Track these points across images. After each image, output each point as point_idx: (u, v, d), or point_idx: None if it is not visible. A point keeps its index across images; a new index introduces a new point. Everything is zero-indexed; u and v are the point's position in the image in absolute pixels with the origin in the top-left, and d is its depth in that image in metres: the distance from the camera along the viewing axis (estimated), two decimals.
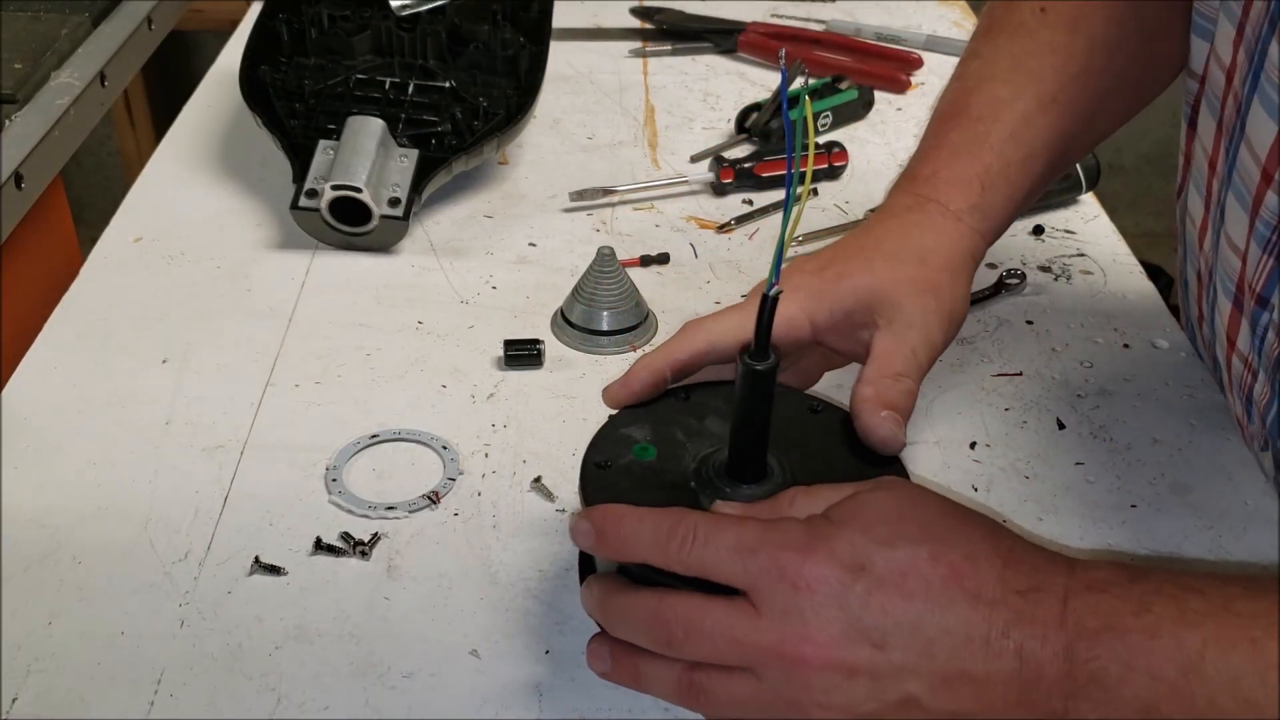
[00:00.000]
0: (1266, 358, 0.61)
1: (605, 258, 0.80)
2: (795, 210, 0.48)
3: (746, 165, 0.99)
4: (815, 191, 1.00)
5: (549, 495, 0.68)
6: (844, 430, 0.57)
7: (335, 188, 0.86)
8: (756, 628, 0.46)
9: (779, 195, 0.98)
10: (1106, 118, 0.72)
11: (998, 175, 0.65)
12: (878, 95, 1.14)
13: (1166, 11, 0.70)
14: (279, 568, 0.63)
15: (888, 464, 0.56)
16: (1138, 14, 0.70)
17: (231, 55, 1.12)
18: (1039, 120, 0.67)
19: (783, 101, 0.56)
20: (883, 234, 0.63)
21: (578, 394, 0.76)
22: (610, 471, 0.56)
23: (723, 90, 1.18)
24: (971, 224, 0.64)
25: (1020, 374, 0.79)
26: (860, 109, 1.12)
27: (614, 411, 0.59)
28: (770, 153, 1.01)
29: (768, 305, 0.49)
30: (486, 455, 0.71)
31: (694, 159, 1.04)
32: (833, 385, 0.68)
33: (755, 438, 0.53)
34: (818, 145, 1.02)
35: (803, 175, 0.48)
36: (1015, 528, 0.67)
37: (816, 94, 1.10)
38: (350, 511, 0.66)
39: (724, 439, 0.55)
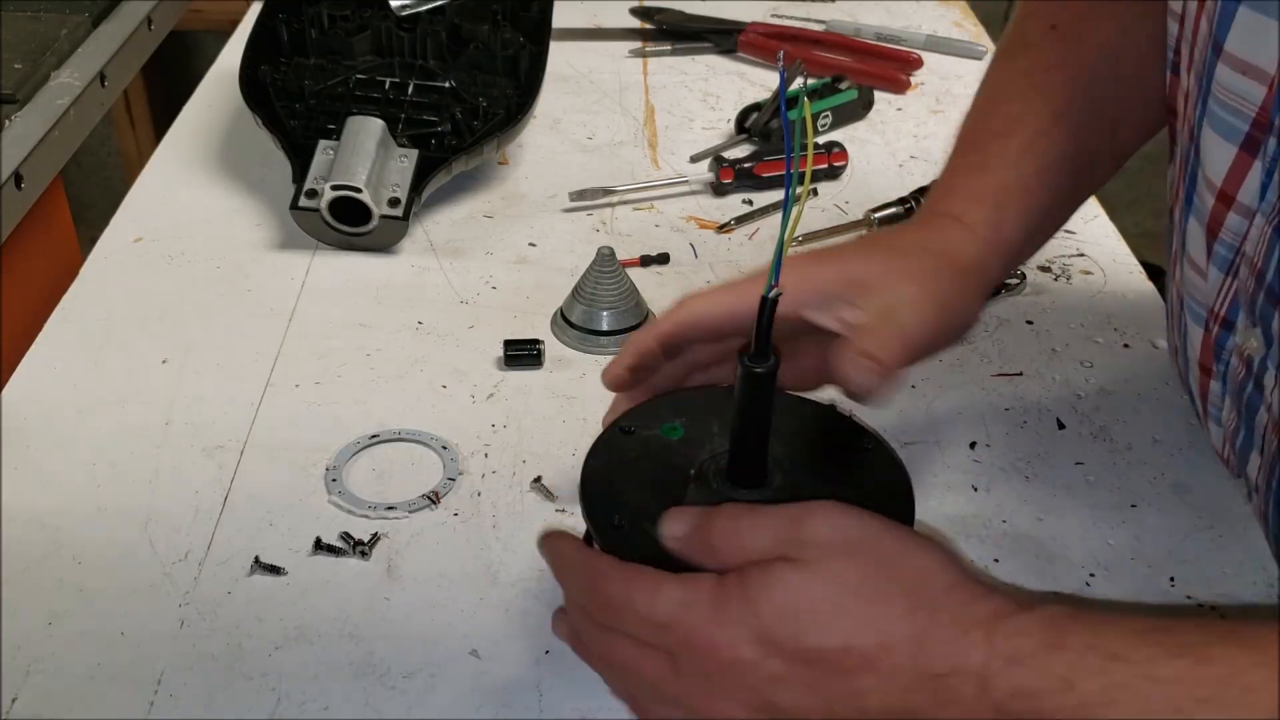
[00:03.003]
0: (1232, 381, 0.61)
1: (605, 258, 0.80)
2: (795, 211, 0.48)
3: (746, 165, 0.99)
4: (815, 191, 1.00)
5: (549, 495, 0.68)
6: (875, 467, 0.56)
7: (335, 188, 0.86)
8: (677, 677, 0.48)
9: (779, 195, 0.98)
10: (1130, 128, 0.70)
11: (1014, 190, 0.64)
12: (878, 95, 1.14)
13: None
14: (279, 568, 0.63)
15: (896, 502, 0.54)
16: (1149, 16, 0.68)
17: (231, 55, 1.12)
18: (1053, 133, 0.65)
19: (781, 102, 0.56)
20: (890, 234, 0.62)
21: (578, 394, 0.76)
22: (628, 438, 0.56)
23: (723, 90, 1.18)
24: (985, 234, 0.62)
25: (1020, 374, 0.79)
26: (860, 109, 1.12)
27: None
28: (770, 153, 1.01)
29: (767, 307, 0.49)
30: (486, 455, 0.71)
31: (694, 159, 1.04)
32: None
33: (753, 442, 0.52)
34: (817, 145, 1.02)
35: (802, 175, 0.48)
36: (1014, 528, 0.67)
37: (816, 94, 1.10)
38: (350, 511, 0.66)
39: None
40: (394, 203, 0.88)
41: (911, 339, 0.56)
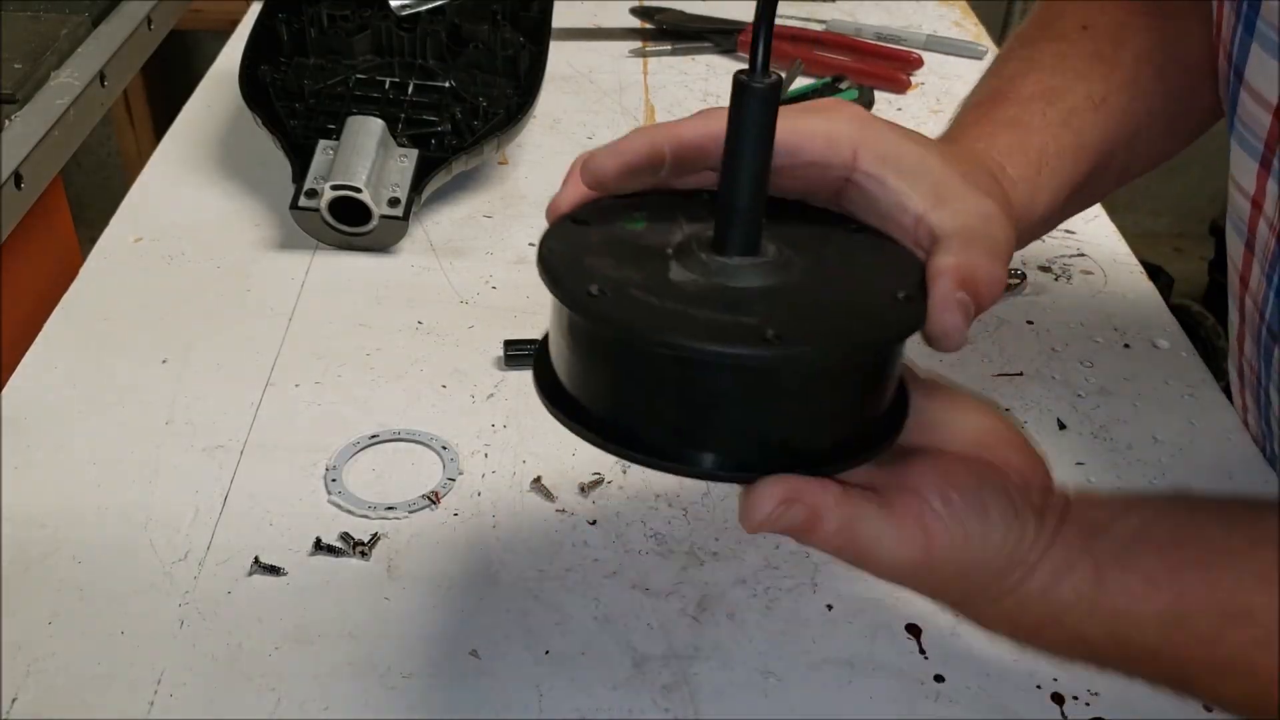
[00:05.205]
0: None
1: None
2: None
3: None
4: None
5: (549, 495, 0.68)
6: (872, 243, 0.47)
7: (335, 188, 0.86)
8: None
9: None
10: (1147, 143, 0.67)
11: (1052, 157, 0.59)
12: (878, 95, 1.14)
13: (1208, 53, 0.67)
14: (279, 568, 0.63)
15: (900, 315, 0.44)
16: (1181, 44, 0.67)
17: (231, 55, 1.12)
18: (1089, 116, 0.62)
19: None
20: (947, 143, 0.54)
21: None
22: (584, 228, 0.47)
23: (723, 90, 1.18)
24: (1022, 198, 0.56)
25: (1021, 374, 0.79)
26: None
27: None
28: None
29: (768, 6, 0.40)
30: (486, 455, 0.71)
31: None
32: None
33: (747, 190, 0.43)
34: None
35: None
36: None
37: (816, 94, 1.10)
38: (350, 512, 0.66)
39: None
40: (394, 202, 0.88)
41: (1005, 264, 0.47)
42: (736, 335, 0.40)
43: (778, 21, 0.43)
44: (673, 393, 0.42)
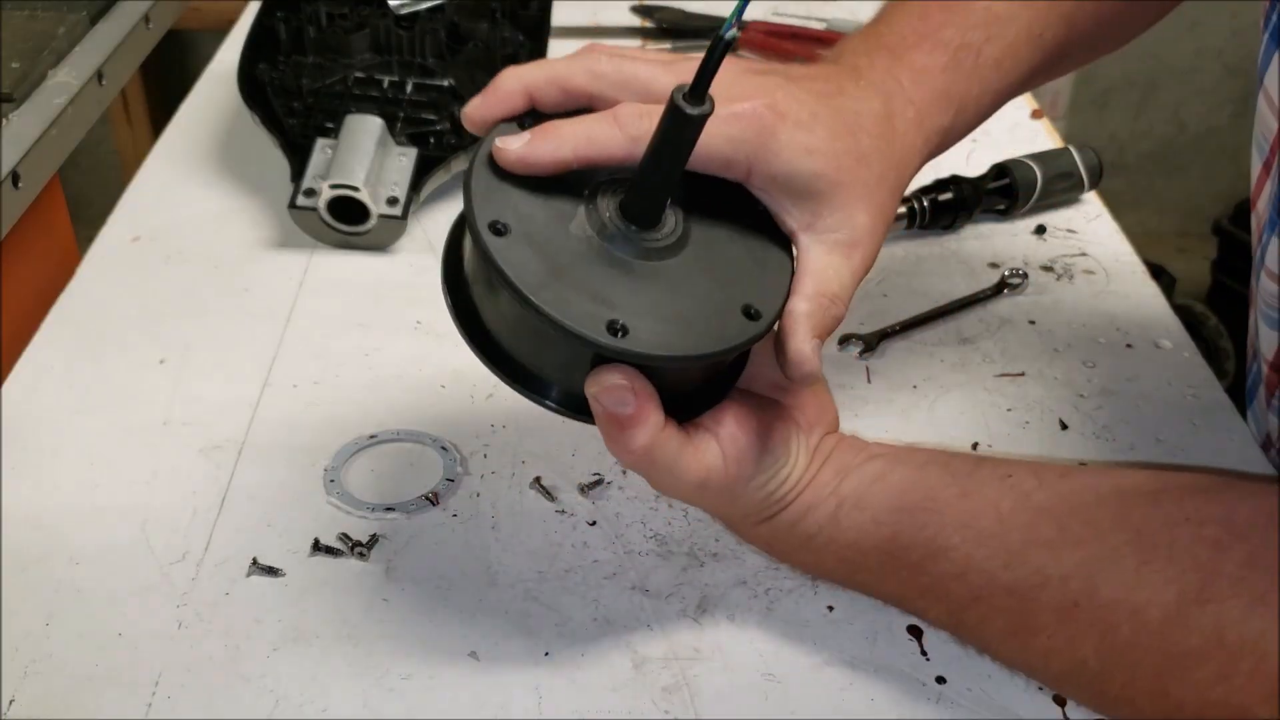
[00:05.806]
0: None
1: None
2: None
3: None
4: None
5: (549, 495, 0.67)
6: (753, 251, 0.53)
7: (333, 186, 0.86)
8: None
9: None
10: (1066, 65, 0.69)
11: (973, 101, 0.61)
12: None
13: None
14: (277, 569, 0.62)
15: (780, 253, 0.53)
16: None
17: (229, 54, 1.12)
18: (1022, 53, 0.63)
19: None
20: (866, 117, 0.56)
21: None
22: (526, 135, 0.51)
23: None
24: (934, 145, 0.60)
25: (1022, 374, 0.78)
26: None
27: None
28: None
29: (719, 48, 0.44)
30: (485, 456, 0.70)
31: None
32: None
33: (658, 186, 0.49)
34: None
35: None
36: None
37: None
38: (349, 512, 0.66)
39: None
40: (392, 201, 0.88)
41: (860, 279, 0.55)
42: (592, 320, 0.47)
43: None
44: (533, 338, 0.50)
